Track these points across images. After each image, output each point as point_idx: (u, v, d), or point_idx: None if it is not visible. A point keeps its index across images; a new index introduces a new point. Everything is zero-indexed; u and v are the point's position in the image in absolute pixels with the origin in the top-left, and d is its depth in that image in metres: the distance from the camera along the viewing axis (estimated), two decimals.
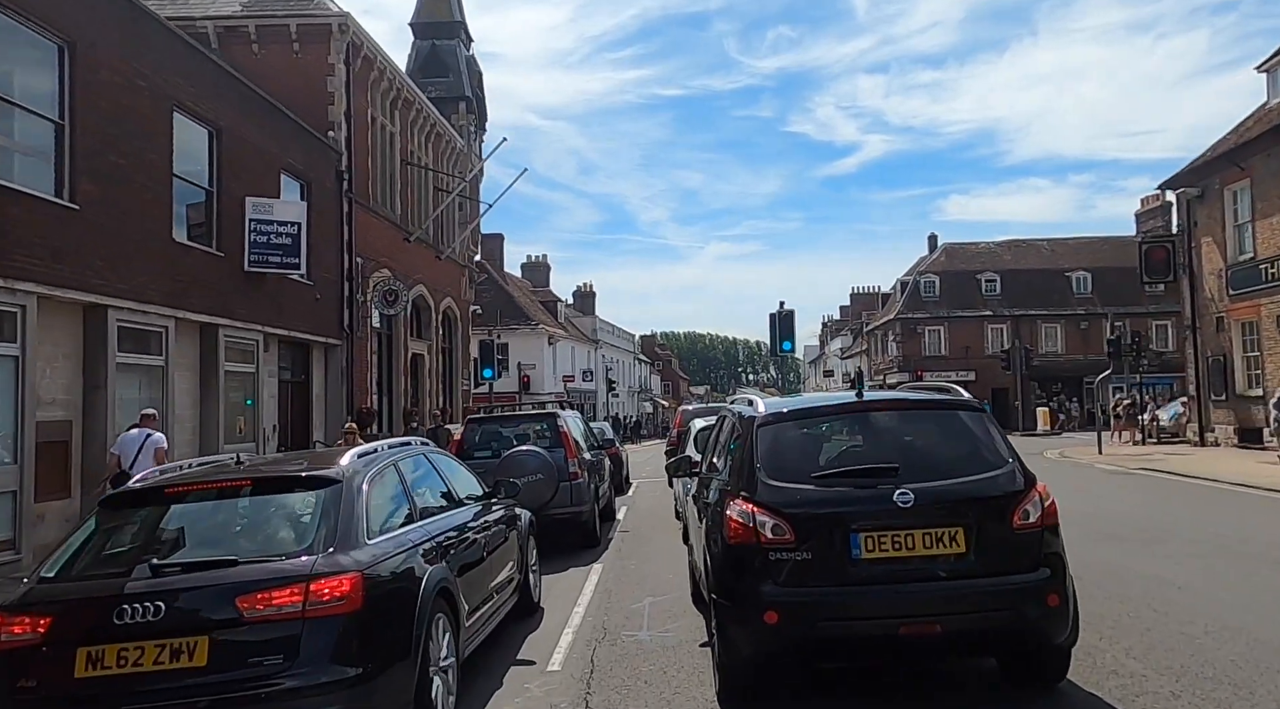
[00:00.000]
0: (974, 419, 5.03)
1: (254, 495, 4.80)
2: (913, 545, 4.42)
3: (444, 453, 7.16)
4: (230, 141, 14.27)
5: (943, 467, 4.72)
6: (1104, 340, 46.89)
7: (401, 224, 22.93)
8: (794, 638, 4.40)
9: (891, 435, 5.07)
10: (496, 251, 47.24)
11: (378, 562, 4.40)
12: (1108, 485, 16.22)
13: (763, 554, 4.48)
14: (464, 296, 29.31)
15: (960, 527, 4.44)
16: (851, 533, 4.43)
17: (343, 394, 18.82)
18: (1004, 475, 4.67)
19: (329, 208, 18.31)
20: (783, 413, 5.17)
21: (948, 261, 50.31)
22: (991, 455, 4.80)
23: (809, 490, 4.60)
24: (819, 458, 5.01)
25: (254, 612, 3.93)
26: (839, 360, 72.23)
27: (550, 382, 44.01)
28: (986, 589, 4.39)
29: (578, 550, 10.63)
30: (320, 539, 4.32)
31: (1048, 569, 4.48)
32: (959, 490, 4.57)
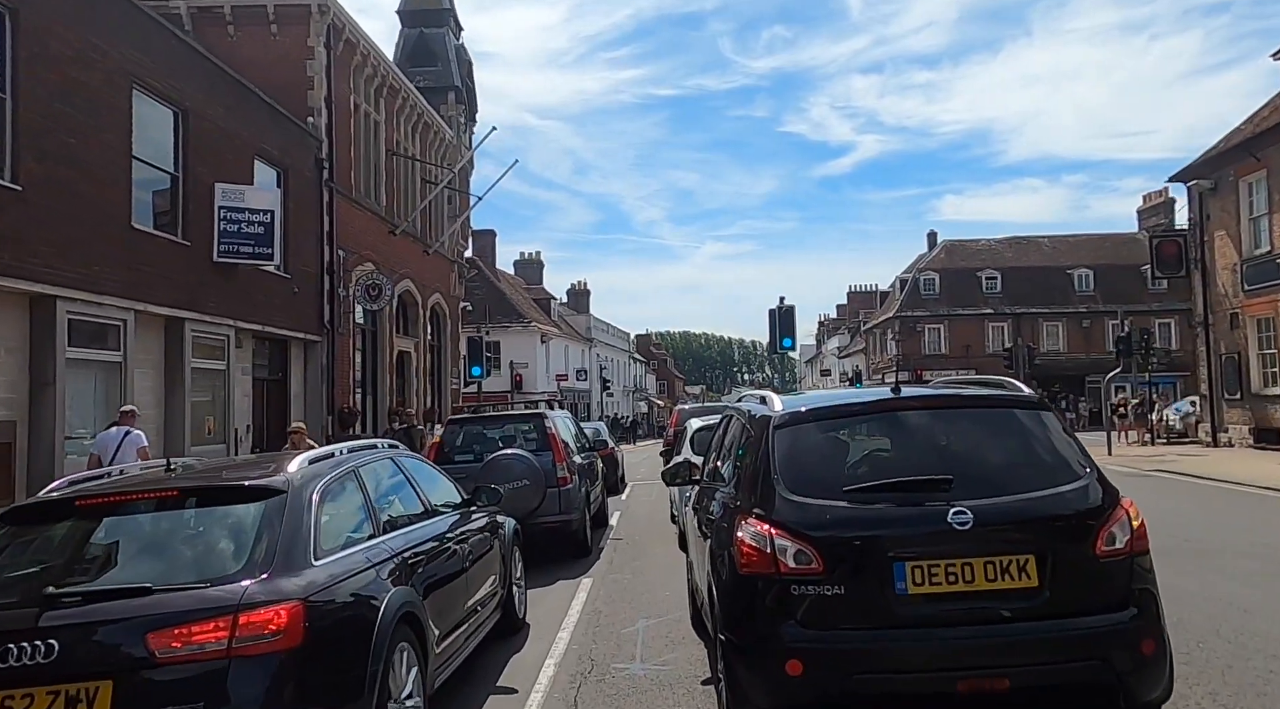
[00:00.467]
0: (1038, 419, 4.17)
1: (181, 509, 4.12)
2: (972, 578, 3.61)
3: (416, 457, 6.50)
4: (198, 124, 13.39)
5: (1005, 479, 3.89)
6: (1106, 338, 46.45)
7: (387, 216, 22.07)
8: (822, 693, 3.60)
9: (938, 440, 4.20)
10: (488, 248, 46.34)
11: (326, 586, 3.79)
12: (1127, 489, 15.40)
13: (783, 587, 3.67)
14: (453, 292, 28.45)
15: (1031, 554, 3.63)
16: (895, 562, 3.63)
17: (323, 393, 17.95)
18: (1082, 489, 3.85)
19: (308, 197, 17.44)
20: (803, 412, 4.30)
21: (948, 259, 49.56)
22: (1064, 464, 3.96)
23: (840, 508, 3.77)
24: (850, 467, 4.18)
25: (169, 651, 3.30)
26: (836, 359, 71.44)
27: (543, 380, 43.13)
28: (1065, 633, 3.56)
29: (566, 561, 9.84)
30: (256, 561, 3.69)
31: (1137, 607, 3.67)
32: (1029, 508, 3.74)
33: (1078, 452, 4.05)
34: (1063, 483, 3.86)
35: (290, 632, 3.43)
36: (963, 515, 3.61)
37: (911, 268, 51.34)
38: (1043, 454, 4.04)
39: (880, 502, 3.79)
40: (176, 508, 4.10)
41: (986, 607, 3.60)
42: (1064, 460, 3.99)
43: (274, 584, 3.55)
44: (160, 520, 4.10)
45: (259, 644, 3.37)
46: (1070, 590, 3.62)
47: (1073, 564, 3.67)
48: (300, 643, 3.44)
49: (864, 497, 3.81)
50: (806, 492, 3.85)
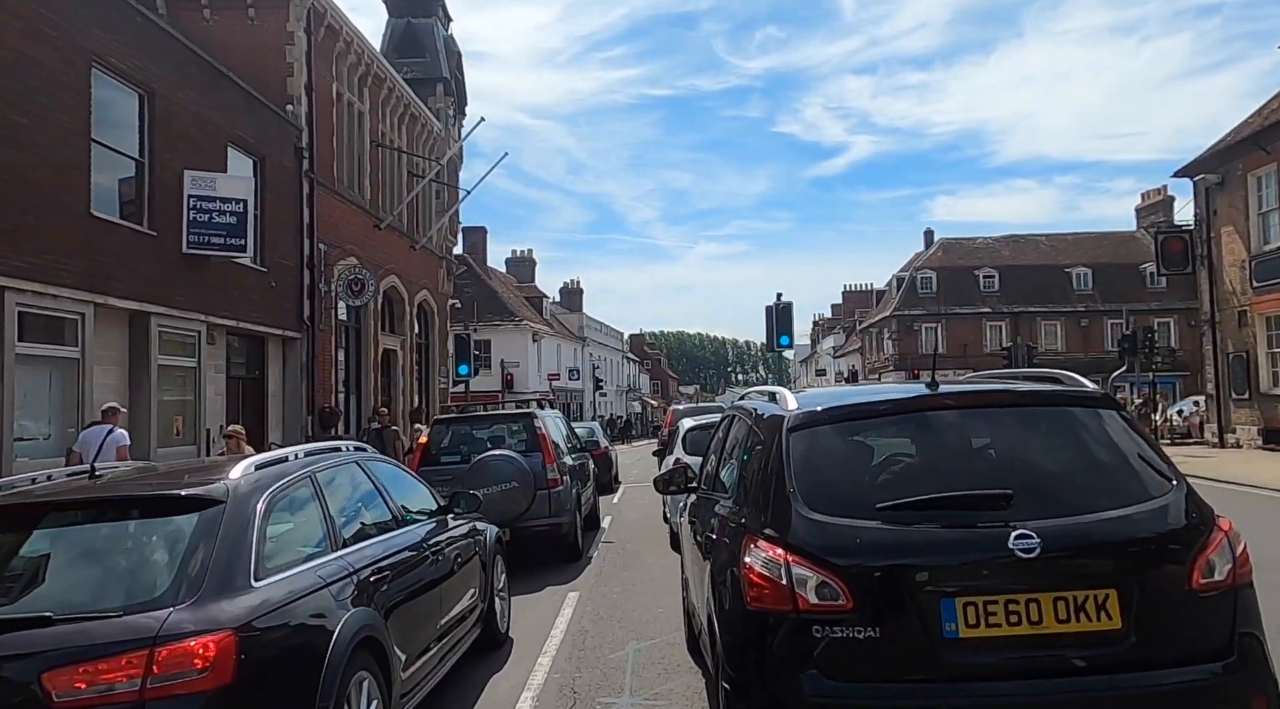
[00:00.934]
0: (1108, 419, 3.47)
1: (100, 522, 3.60)
2: (1039, 618, 2.95)
3: (386, 460, 5.96)
4: (166, 108, 12.67)
5: (1077, 494, 3.23)
6: (1105, 338, 45.98)
7: (371, 210, 21.36)
8: None
9: (989, 446, 3.50)
10: (480, 245, 45.58)
11: (268, 611, 3.31)
12: None
13: (801, 628, 3.02)
14: (441, 289, 27.74)
15: (1112, 589, 2.98)
16: (943, 598, 2.98)
17: (303, 392, 17.24)
18: (1170, 507, 3.16)
19: (286, 188, 16.72)
20: (823, 412, 3.60)
21: (945, 257, 49.00)
22: (1146, 475, 3.29)
23: (873, 529, 3.10)
24: (883, 479, 3.46)
25: (70, 694, 2.82)
26: (832, 359, 70.86)
27: (535, 380, 42.40)
28: (1155, 688, 2.90)
29: (554, 568, 9.22)
30: (183, 584, 3.19)
31: (1242, 655, 2.99)
32: (1109, 531, 3.07)
33: (1160, 459, 3.37)
34: (1146, 499, 3.20)
35: (219, 667, 2.97)
36: (1028, 540, 2.95)
37: (908, 266, 50.77)
38: (1118, 463, 3.36)
39: (923, 522, 3.11)
40: (95, 521, 3.59)
41: (1057, 655, 2.95)
42: (1145, 471, 3.31)
43: (202, 611, 3.09)
44: (74, 536, 3.57)
45: (179, 683, 2.90)
46: (1161, 634, 2.99)
47: (1163, 601, 3.03)
48: (231, 680, 2.99)
49: (903, 516, 3.12)
50: (830, 509, 3.19)
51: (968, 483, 3.24)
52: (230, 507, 3.53)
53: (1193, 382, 43.85)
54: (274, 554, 3.62)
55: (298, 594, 3.51)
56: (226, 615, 3.11)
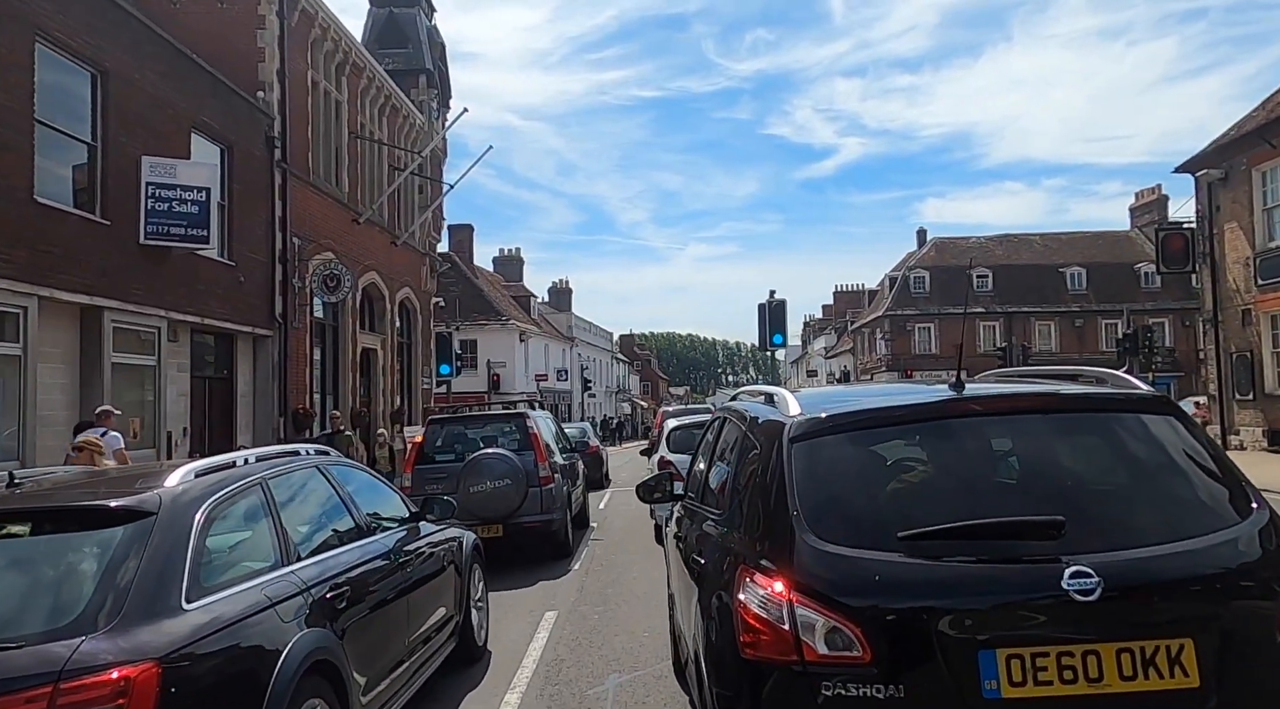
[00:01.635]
0: (1171, 429, 2.87)
1: (15, 537, 3.13)
2: (1099, 675, 2.39)
3: (352, 464, 5.51)
4: (122, 89, 11.88)
5: (1140, 521, 2.63)
6: (1100, 338, 45.52)
7: (349, 204, 20.59)
8: None
9: (1035, 461, 2.88)
10: (466, 243, 44.75)
11: (201, 637, 2.96)
12: None
13: (809, 684, 2.46)
14: (424, 287, 26.96)
15: (1188, 638, 2.43)
16: (982, 649, 2.42)
17: (275, 393, 16.45)
18: (1254, 535, 2.58)
19: (256, 179, 15.94)
20: (833, 418, 3.00)
21: (938, 256, 48.45)
22: (1220, 497, 2.69)
23: (896, 564, 2.53)
24: (906, 502, 2.79)
25: None
26: (823, 360, 70.26)
27: (522, 380, 41.58)
28: None
29: (529, 581, 8.51)
30: (101, 607, 2.83)
31: None
32: (1180, 567, 2.50)
33: (1236, 477, 2.77)
34: (1223, 527, 2.62)
35: (138, 702, 2.63)
36: (1085, 578, 2.41)
37: (901, 266, 50.19)
38: (1186, 481, 2.80)
39: (956, 555, 2.54)
40: (9, 537, 3.13)
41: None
42: (1219, 491, 2.73)
43: (122, 638, 2.74)
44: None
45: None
46: (1247, 693, 2.44)
47: (1250, 652, 2.48)
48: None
49: (931, 547, 2.55)
50: (842, 538, 2.63)
51: (1008, 507, 2.70)
52: (163, 519, 3.16)
53: (1188, 382, 43.44)
54: (214, 571, 3.28)
55: (239, 616, 3.17)
56: (150, 643, 2.77)
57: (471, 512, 9.63)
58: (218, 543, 3.42)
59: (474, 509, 9.61)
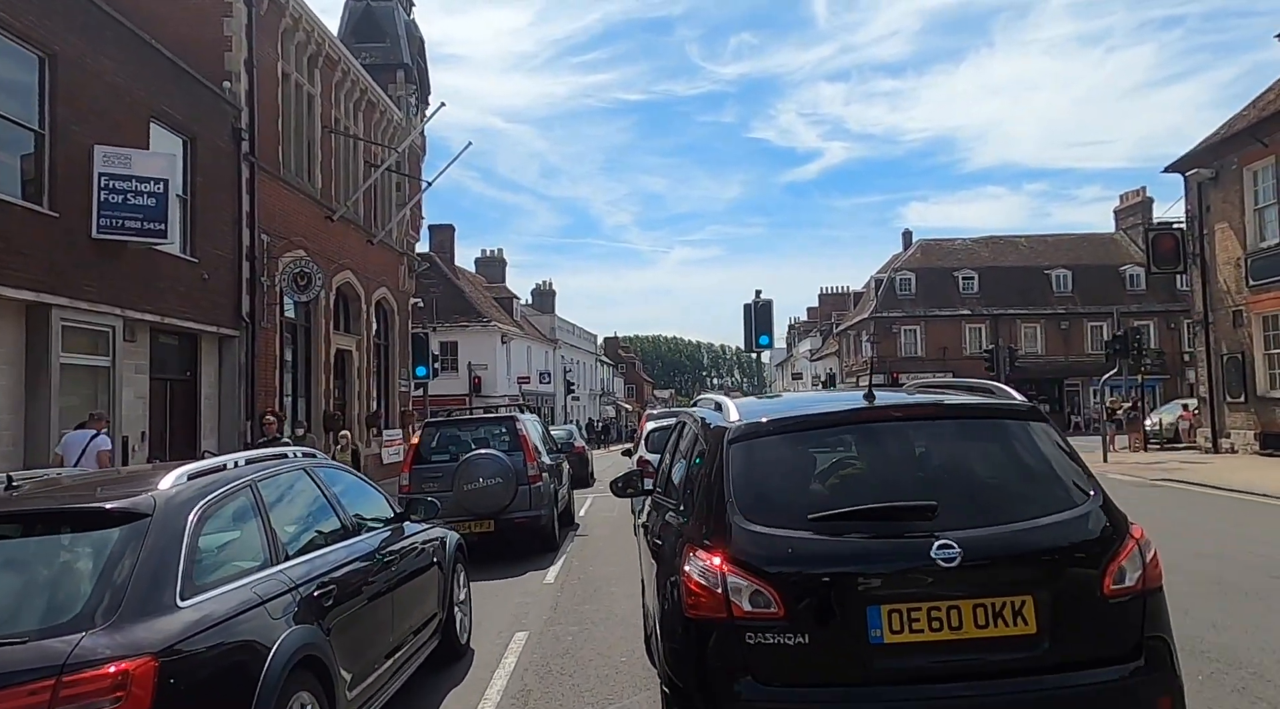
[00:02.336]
0: (1033, 431, 3.57)
1: (14, 538, 3.34)
2: (960, 624, 3.08)
3: (339, 466, 5.54)
4: (73, 74, 11.25)
5: (998, 504, 3.35)
6: (1085, 340, 45.38)
7: (323, 200, 19.94)
8: None
9: (921, 457, 3.61)
10: (447, 243, 44.04)
11: (195, 633, 3.12)
12: (1143, 503, 13.78)
13: (736, 635, 3.13)
14: (402, 287, 26.32)
15: (1028, 596, 3.12)
16: (870, 606, 3.10)
17: (241, 395, 15.81)
18: (1087, 516, 3.31)
19: (222, 172, 15.30)
20: (763, 423, 3.68)
21: (923, 258, 48.18)
22: (1065, 486, 3.43)
23: (806, 540, 3.21)
24: (819, 491, 3.51)
25: None
26: (808, 362, 69.93)
27: (504, 383, 40.91)
28: (1068, 690, 3.04)
29: (498, 597, 7.94)
30: (99, 605, 2.97)
31: (1150, 657, 3.13)
32: (1025, 540, 3.20)
33: (1080, 471, 3.48)
34: (1064, 509, 3.34)
35: (136, 696, 2.78)
36: (949, 549, 3.09)
37: (887, 267, 49.88)
38: (1041, 474, 3.49)
39: (852, 532, 3.21)
40: (8, 537, 3.32)
41: (976, 659, 3.08)
42: (1065, 482, 3.45)
43: (119, 634, 2.90)
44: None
45: None
46: (1074, 638, 3.12)
47: (1077, 606, 3.15)
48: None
49: (833, 526, 3.22)
50: (766, 519, 3.29)
51: (898, 494, 3.32)
52: (157, 520, 3.31)
53: (1173, 385, 43.37)
54: (206, 570, 3.43)
55: (230, 613, 3.32)
56: (147, 639, 2.92)
57: (465, 508, 10.28)
58: (210, 543, 3.55)
59: (468, 505, 10.28)
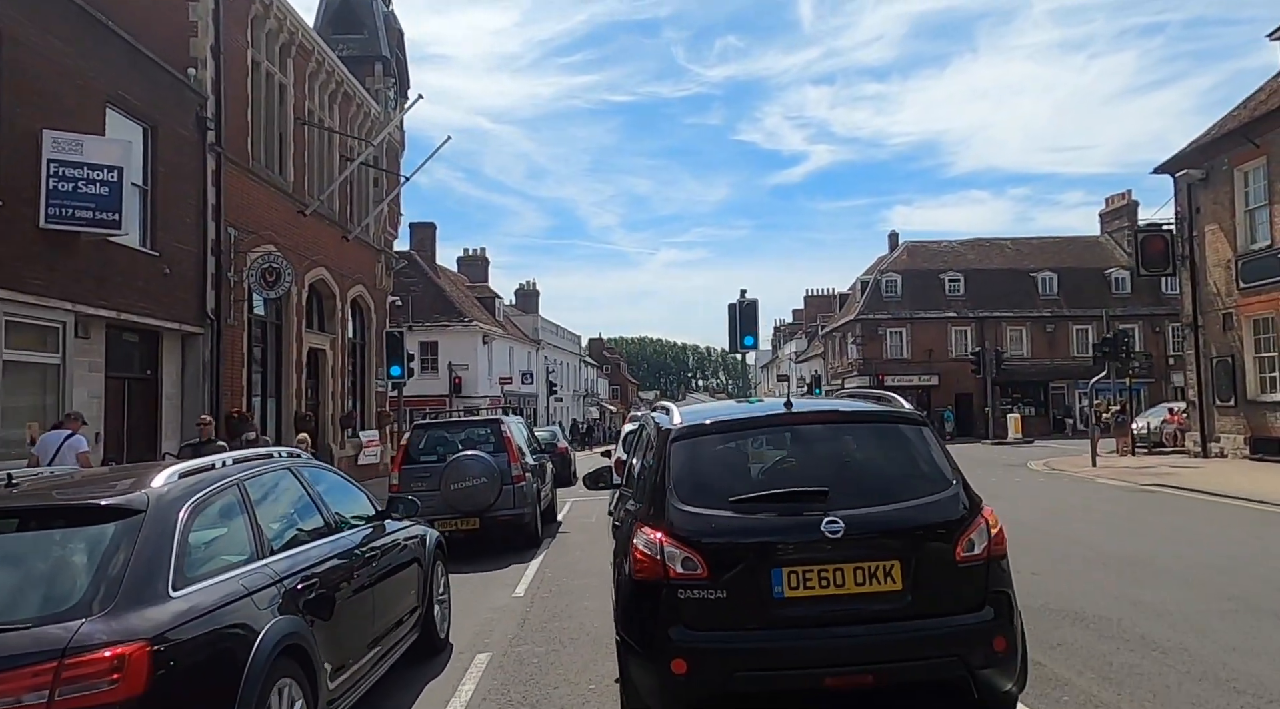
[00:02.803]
0: (915, 434, 4.44)
1: (14, 532, 3.49)
2: (843, 582, 3.90)
3: (323, 466, 5.74)
4: (19, 54, 10.62)
5: (879, 490, 4.19)
6: (1071, 343, 45.20)
7: (295, 194, 19.32)
8: (705, 691, 3.83)
9: (824, 453, 4.46)
10: (428, 242, 43.33)
11: (185, 621, 3.29)
12: (1145, 510, 13.37)
13: (671, 591, 3.91)
14: (379, 285, 25.69)
15: (896, 560, 3.92)
16: (773, 568, 3.90)
17: (205, 395, 15.18)
18: (947, 500, 4.13)
19: (185, 162, 14.67)
20: (701, 425, 4.53)
21: (910, 260, 47.88)
22: (934, 476, 4.24)
23: (726, 518, 4.02)
24: (740, 479, 4.35)
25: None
26: (793, 364, 69.59)
27: (485, 383, 40.24)
28: (925, 633, 3.86)
29: (465, 611, 7.42)
30: (96, 594, 3.17)
31: (993, 608, 3.96)
32: (896, 518, 4.03)
33: (948, 464, 4.27)
34: (930, 494, 4.12)
35: (131, 678, 2.98)
36: (835, 525, 3.89)
37: (873, 269, 49.53)
38: (915, 466, 4.28)
39: (762, 512, 4.02)
40: (9, 531, 3.51)
41: (855, 609, 3.86)
42: (934, 472, 4.23)
43: (116, 622, 3.10)
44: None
45: (89, 695, 2.92)
46: (931, 593, 3.92)
47: (934, 569, 3.96)
48: (144, 691, 3.01)
49: (748, 507, 4.04)
50: (697, 502, 4.08)
51: (800, 481, 4.15)
52: (150, 516, 3.53)
53: (1158, 388, 43.25)
54: (196, 564, 3.63)
55: (219, 603, 3.52)
56: (141, 626, 3.13)
57: (452, 506, 10.76)
58: (199, 538, 3.74)
59: (455, 503, 10.76)
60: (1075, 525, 11.78)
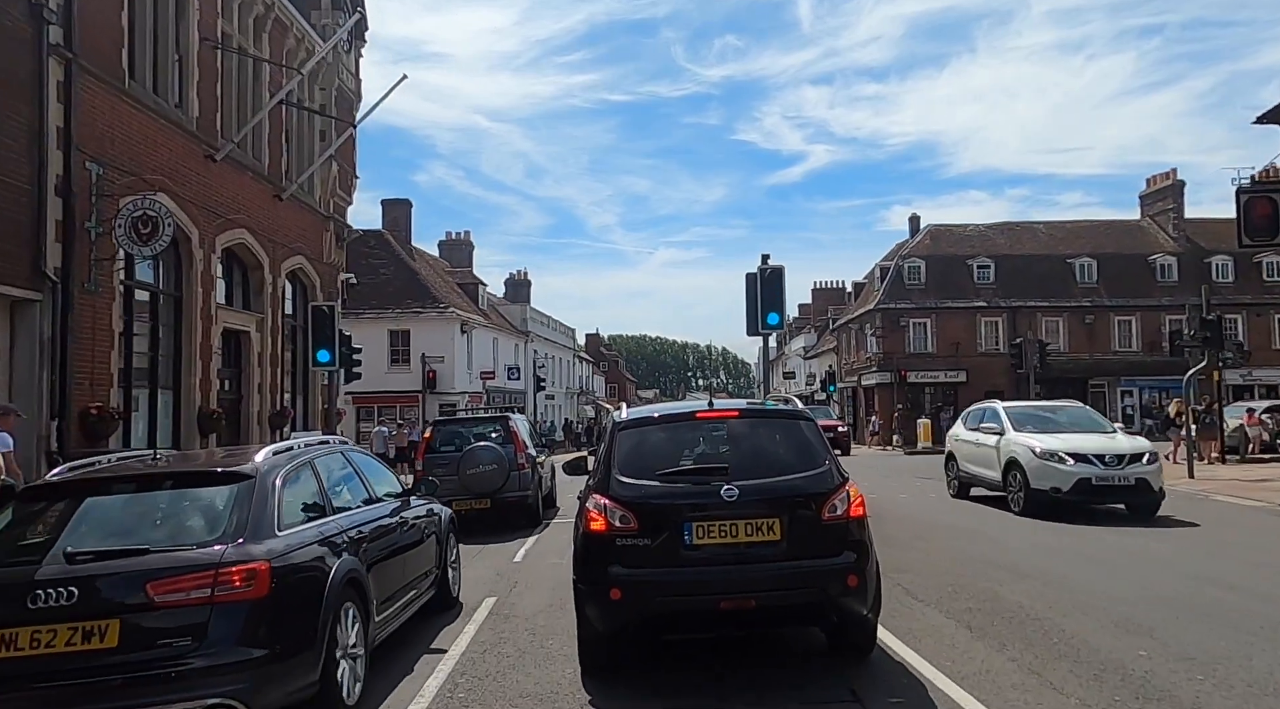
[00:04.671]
0: (800, 427, 5.80)
1: (170, 489, 5.15)
2: (736, 534, 5.21)
3: (363, 451, 7.48)
4: None
5: (769, 467, 5.49)
6: (1112, 335, 41.13)
7: (203, 134, 15.31)
8: (634, 612, 5.15)
9: (733, 440, 5.77)
10: (403, 221, 39.21)
11: (287, 552, 4.77)
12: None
13: (612, 541, 5.23)
14: (328, 259, 21.70)
15: (777, 518, 5.23)
16: (685, 522, 5.21)
17: (42, 383, 11.19)
18: (819, 475, 5.46)
19: (13, 65, 10.66)
20: (640, 418, 6.02)
21: (933, 245, 43.80)
22: (811, 458, 5.56)
23: (652, 486, 5.36)
24: (667, 459, 5.60)
25: (164, 596, 4.28)
26: (802, 360, 65.47)
27: (464, 378, 36.12)
28: (796, 570, 5.16)
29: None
30: (231, 530, 4.69)
31: (852, 554, 5.26)
32: (778, 487, 5.34)
33: (823, 449, 5.67)
34: (805, 470, 5.50)
35: (259, 585, 4.43)
36: (731, 491, 5.26)
37: (893, 255, 45.36)
38: (800, 451, 5.64)
39: (680, 481, 5.42)
40: (166, 489, 5.14)
41: (745, 553, 5.20)
42: (812, 454, 5.62)
43: (246, 548, 4.57)
44: (152, 498, 5.09)
45: (235, 593, 4.37)
46: (803, 543, 5.24)
47: (806, 525, 5.28)
48: (266, 594, 4.44)
49: (669, 478, 5.42)
50: (632, 474, 5.47)
51: (709, 460, 5.64)
52: (258, 480, 5.07)
53: (1206, 384, 39.28)
54: (288, 515, 5.12)
55: (306, 542, 5.04)
56: (262, 551, 4.61)
57: (468, 488, 12.72)
58: (288, 497, 5.25)
59: (470, 487, 12.74)
60: None
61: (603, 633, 5.24)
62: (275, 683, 4.34)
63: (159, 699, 4.10)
